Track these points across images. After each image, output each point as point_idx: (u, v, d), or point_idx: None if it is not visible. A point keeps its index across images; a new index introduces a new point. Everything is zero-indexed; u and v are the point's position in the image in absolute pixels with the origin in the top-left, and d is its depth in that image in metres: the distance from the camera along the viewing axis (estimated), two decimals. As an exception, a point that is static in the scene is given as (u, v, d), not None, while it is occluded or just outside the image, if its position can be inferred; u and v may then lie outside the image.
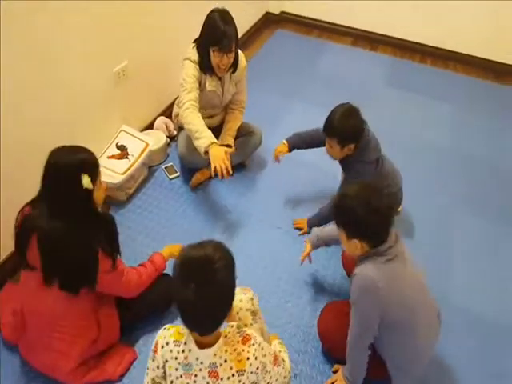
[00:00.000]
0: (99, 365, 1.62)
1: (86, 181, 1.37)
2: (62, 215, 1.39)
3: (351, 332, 1.46)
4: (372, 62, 3.62)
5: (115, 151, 2.30)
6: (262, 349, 1.21)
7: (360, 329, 1.44)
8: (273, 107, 3.02)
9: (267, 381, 1.24)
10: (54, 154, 1.39)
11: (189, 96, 2.06)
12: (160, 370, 1.21)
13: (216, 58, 2.06)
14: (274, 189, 2.46)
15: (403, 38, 3.73)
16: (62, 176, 1.38)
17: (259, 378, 1.20)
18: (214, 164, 1.93)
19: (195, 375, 1.15)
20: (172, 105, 2.65)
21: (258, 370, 1.18)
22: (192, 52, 2.13)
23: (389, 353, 1.49)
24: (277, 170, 2.49)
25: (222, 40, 2.00)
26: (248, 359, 1.16)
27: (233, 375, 1.15)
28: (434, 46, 3.67)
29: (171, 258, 1.77)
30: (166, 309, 1.82)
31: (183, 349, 1.16)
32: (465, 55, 3.61)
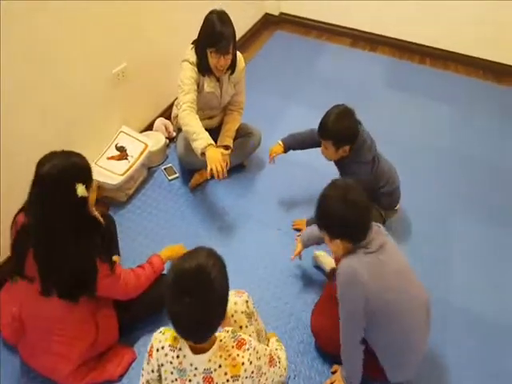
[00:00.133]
0: (99, 366, 1.62)
1: (81, 189, 1.34)
2: (57, 225, 1.36)
3: (341, 329, 1.47)
4: (371, 62, 3.62)
5: (115, 152, 2.31)
6: (257, 352, 1.21)
7: (349, 324, 1.45)
8: (272, 108, 3.02)
9: (263, 382, 1.24)
10: (44, 162, 1.34)
11: (186, 98, 2.06)
12: (155, 374, 1.21)
13: (213, 60, 2.07)
14: (272, 190, 2.46)
15: (402, 38, 3.73)
16: (55, 186, 1.33)
17: (255, 381, 1.20)
18: (210, 165, 1.94)
19: (189, 380, 1.15)
20: (171, 106, 2.66)
21: (253, 374, 1.18)
22: (190, 53, 2.14)
23: (378, 343, 1.49)
24: (276, 171, 2.49)
25: (220, 41, 2.00)
26: (243, 364, 1.16)
27: (227, 381, 1.14)
28: (433, 46, 3.67)
29: (169, 261, 1.77)
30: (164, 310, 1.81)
31: (178, 354, 1.16)
32: (464, 55, 3.60)
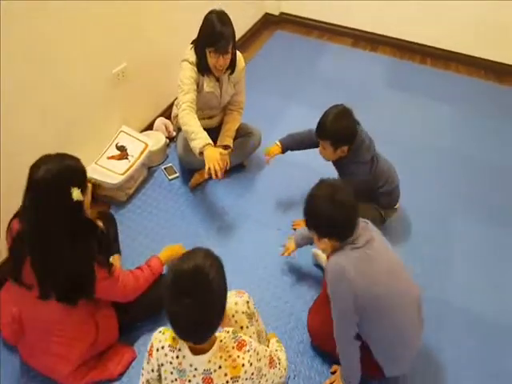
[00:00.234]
0: (99, 365, 1.62)
1: (77, 193, 1.33)
2: (52, 229, 1.34)
3: (335, 326, 1.47)
4: (372, 62, 3.62)
5: (115, 152, 2.31)
6: (258, 353, 1.21)
7: (341, 320, 1.46)
8: (272, 108, 3.02)
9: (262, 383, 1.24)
10: (38, 166, 1.32)
11: (186, 97, 2.06)
12: (155, 373, 1.21)
13: (212, 59, 2.07)
14: (272, 190, 2.45)
15: (403, 38, 3.72)
16: (50, 191, 1.31)
17: (254, 382, 1.20)
18: (208, 165, 1.93)
19: (189, 381, 1.15)
20: (171, 106, 2.66)
21: (253, 375, 1.18)
22: (190, 53, 2.14)
23: (371, 338, 1.49)
24: (276, 172, 2.49)
25: (219, 41, 2.00)
26: (243, 366, 1.15)
27: (227, 382, 1.14)
28: (435, 46, 3.66)
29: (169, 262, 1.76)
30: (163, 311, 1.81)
31: (177, 355, 1.16)
32: (465, 55, 3.60)
